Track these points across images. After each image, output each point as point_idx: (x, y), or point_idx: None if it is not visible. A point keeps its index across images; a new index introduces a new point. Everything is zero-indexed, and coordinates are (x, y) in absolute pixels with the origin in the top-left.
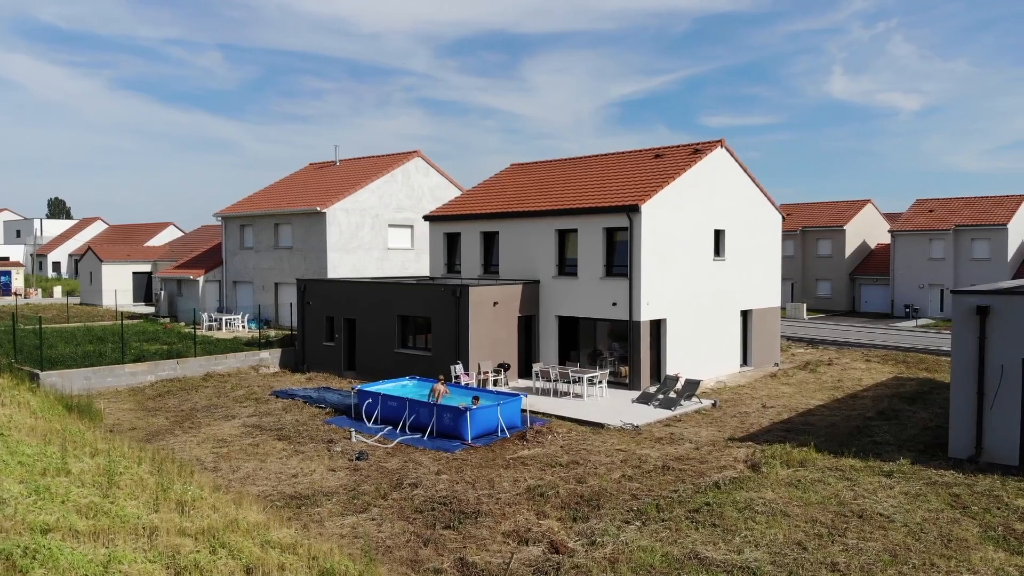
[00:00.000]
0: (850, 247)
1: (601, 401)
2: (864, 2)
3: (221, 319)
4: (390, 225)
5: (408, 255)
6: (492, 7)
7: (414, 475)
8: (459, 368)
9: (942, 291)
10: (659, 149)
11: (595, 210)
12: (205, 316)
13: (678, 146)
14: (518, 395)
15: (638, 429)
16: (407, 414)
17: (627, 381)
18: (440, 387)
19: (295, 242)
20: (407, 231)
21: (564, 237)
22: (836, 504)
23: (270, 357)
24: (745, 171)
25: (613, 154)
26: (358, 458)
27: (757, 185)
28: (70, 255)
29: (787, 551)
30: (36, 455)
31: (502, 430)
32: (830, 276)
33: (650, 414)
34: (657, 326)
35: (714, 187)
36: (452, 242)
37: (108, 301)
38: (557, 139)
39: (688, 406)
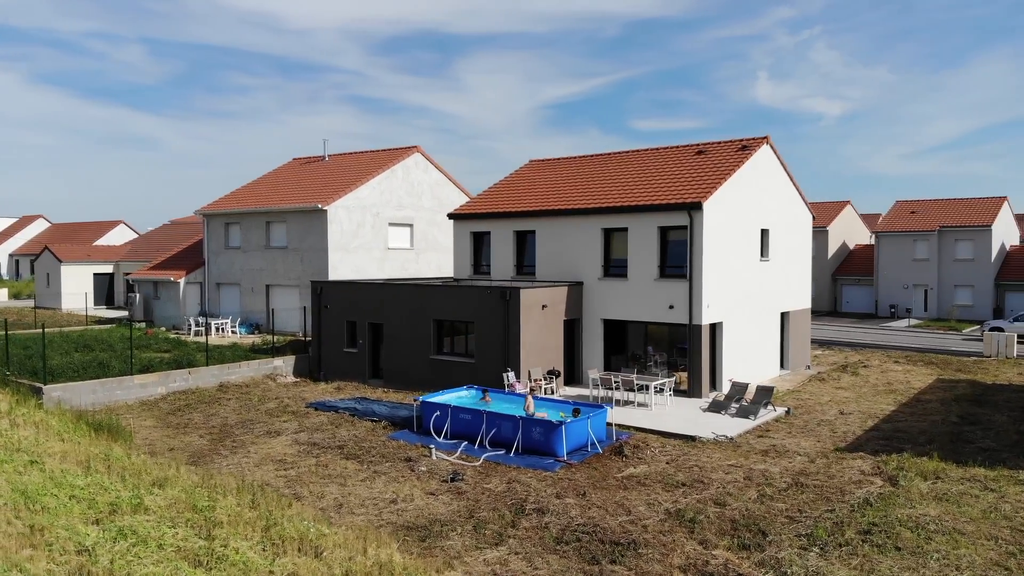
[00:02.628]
0: (832, 247)
1: (670, 410)
2: (788, 10)
3: (209, 324)
4: (390, 224)
5: (408, 255)
6: (423, 6)
7: (532, 499)
8: (511, 376)
9: (926, 291)
10: (701, 145)
11: (649, 208)
12: (191, 321)
13: (719, 142)
14: (603, 407)
15: (733, 441)
16: (485, 428)
17: (685, 388)
18: (530, 399)
19: (290, 241)
20: (407, 230)
21: (611, 236)
22: (1002, 519)
23: (284, 365)
24: (785, 169)
25: (648, 150)
26: (452, 479)
27: (794, 183)
28: (10, 255)
29: (991, 574)
30: (90, 487)
31: (592, 445)
32: (812, 276)
33: (732, 424)
34: (713, 330)
35: (760, 185)
36: (478, 241)
37: (69, 304)
38: (491, 140)
39: (764, 415)
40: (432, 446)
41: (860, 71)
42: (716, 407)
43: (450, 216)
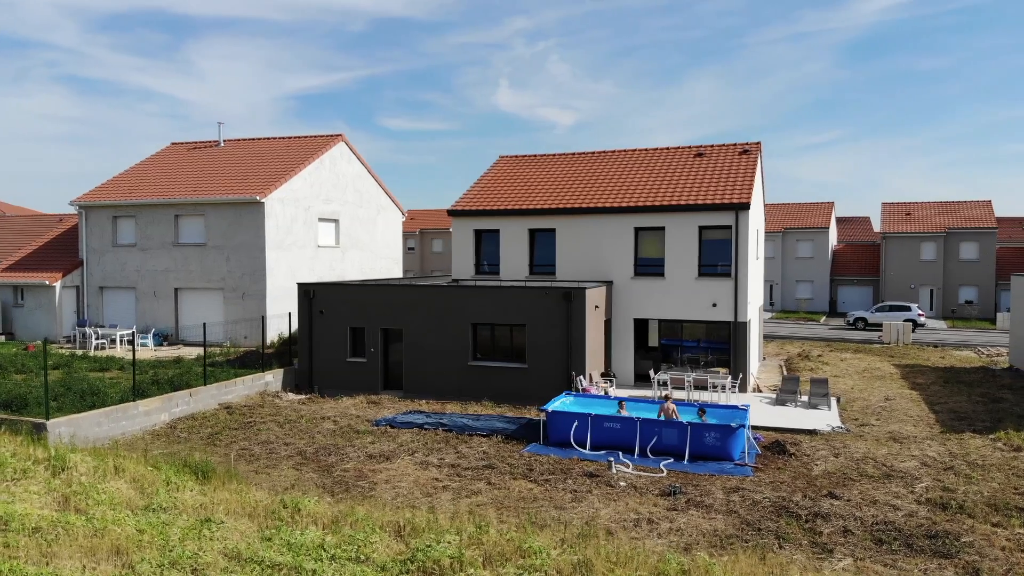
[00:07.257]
0: None
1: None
2: (525, 21)
3: (116, 336)
4: (320, 219)
5: (335, 254)
6: None
7: (789, 506)
8: (583, 380)
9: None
10: (698, 148)
11: (690, 207)
12: (89, 332)
13: (713, 146)
14: (745, 407)
15: (851, 431)
16: (640, 437)
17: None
18: (671, 405)
19: (211, 238)
20: (332, 226)
21: (642, 235)
22: None
23: (274, 380)
24: (762, 173)
25: (641, 150)
26: (674, 493)
27: (763, 185)
28: None
29: None
30: (341, 546)
31: (750, 445)
32: None
33: (812, 415)
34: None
35: (758, 188)
36: (480, 240)
37: None
38: (230, 130)
39: (829, 406)
40: (612, 459)
41: (589, 84)
42: (780, 400)
43: (450, 212)
